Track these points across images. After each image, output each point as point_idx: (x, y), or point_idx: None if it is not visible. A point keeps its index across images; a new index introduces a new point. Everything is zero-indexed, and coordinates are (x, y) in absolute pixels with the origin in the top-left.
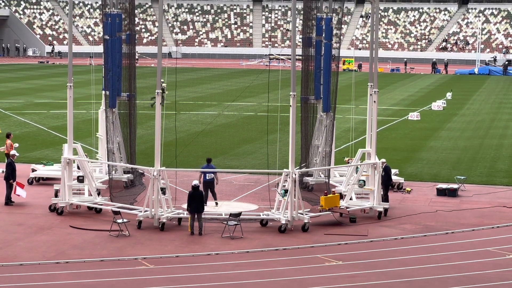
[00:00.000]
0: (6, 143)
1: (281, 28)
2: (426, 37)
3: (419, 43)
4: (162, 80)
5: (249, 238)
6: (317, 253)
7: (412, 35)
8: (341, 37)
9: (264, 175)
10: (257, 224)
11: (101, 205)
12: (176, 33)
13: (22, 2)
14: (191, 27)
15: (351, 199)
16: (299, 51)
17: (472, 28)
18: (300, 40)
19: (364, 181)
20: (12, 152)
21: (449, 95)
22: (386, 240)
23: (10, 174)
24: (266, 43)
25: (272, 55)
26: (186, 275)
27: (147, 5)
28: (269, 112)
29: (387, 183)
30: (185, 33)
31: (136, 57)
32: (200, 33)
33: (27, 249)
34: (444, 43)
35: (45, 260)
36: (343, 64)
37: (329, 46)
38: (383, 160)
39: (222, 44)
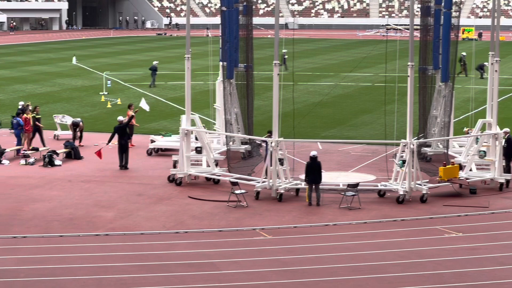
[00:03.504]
0: (128, 114)
1: None
2: None
3: None
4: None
5: (366, 208)
6: (436, 225)
7: None
8: (461, 5)
9: (381, 145)
10: (375, 195)
11: (219, 176)
12: (293, 4)
13: None
14: None
15: (471, 170)
16: (417, 20)
17: None
18: (419, 9)
19: (484, 152)
20: (120, 118)
21: None
22: (509, 212)
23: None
24: (383, 13)
25: (389, 25)
26: (303, 245)
27: None
28: (387, 83)
29: (509, 154)
30: (301, 4)
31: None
32: (317, 3)
33: (147, 218)
34: None
35: (164, 229)
36: (463, 33)
37: (449, 15)
38: (507, 129)
39: (338, 14)
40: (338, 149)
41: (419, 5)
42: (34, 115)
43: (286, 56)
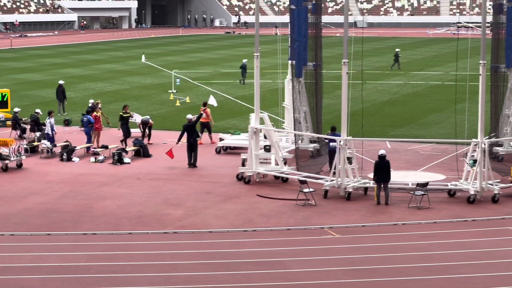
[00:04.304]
0: (206, 112)
1: None
2: None
3: None
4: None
5: (436, 208)
6: (508, 225)
7: None
8: None
9: (451, 145)
10: (445, 195)
11: (287, 174)
12: (362, 2)
13: None
14: None
15: None
16: (489, 18)
17: None
18: (490, 7)
19: None
20: (189, 116)
21: None
22: None
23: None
24: (454, 11)
25: (460, 23)
26: (372, 244)
27: None
28: (457, 81)
29: None
30: (370, 2)
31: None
32: (386, 1)
33: (216, 216)
34: None
35: (233, 228)
36: None
37: None
38: None
39: (408, 12)
40: (407, 148)
41: (491, 3)
42: (122, 113)
43: (400, 55)
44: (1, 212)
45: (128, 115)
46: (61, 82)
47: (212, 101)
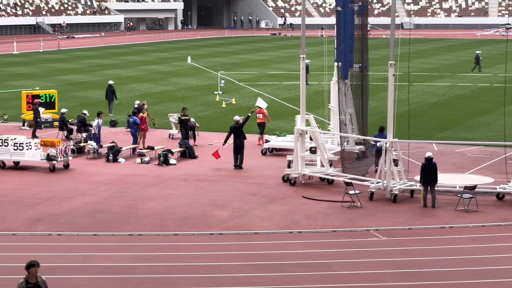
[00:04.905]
0: (263, 112)
1: None
2: None
3: None
4: None
5: (484, 211)
6: None
7: None
8: None
9: (500, 147)
10: (493, 198)
11: (333, 176)
12: (408, 4)
13: None
14: None
15: None
16: None
17: None
18: None
19: None
20: (236, 118)
21: None
22: None
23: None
24: (503, 12)
25: (509, 24)
26: (418, 247)
27: None
28: (506, 83)
29: None
30: (417, 4)
31: (368, 29)
32: (433, 3)
33: (261, 218)
34: None
35: (278, 229)
36: None
37: None
38: None
39: (456, 14)
40: (454, 150)
41: None
42: (180, 115)
43: (480, 58)
44: (49, 212)
45: (187, 118)
46: (111, 82)
47: (260, 103)
